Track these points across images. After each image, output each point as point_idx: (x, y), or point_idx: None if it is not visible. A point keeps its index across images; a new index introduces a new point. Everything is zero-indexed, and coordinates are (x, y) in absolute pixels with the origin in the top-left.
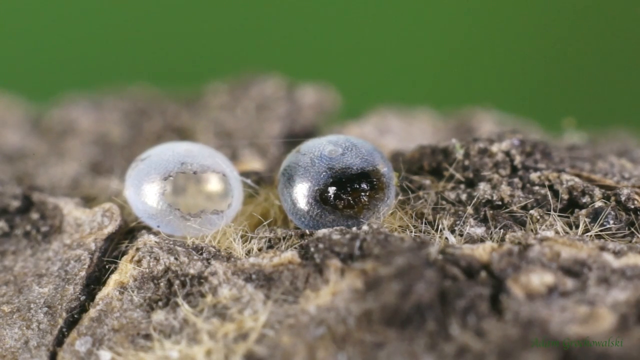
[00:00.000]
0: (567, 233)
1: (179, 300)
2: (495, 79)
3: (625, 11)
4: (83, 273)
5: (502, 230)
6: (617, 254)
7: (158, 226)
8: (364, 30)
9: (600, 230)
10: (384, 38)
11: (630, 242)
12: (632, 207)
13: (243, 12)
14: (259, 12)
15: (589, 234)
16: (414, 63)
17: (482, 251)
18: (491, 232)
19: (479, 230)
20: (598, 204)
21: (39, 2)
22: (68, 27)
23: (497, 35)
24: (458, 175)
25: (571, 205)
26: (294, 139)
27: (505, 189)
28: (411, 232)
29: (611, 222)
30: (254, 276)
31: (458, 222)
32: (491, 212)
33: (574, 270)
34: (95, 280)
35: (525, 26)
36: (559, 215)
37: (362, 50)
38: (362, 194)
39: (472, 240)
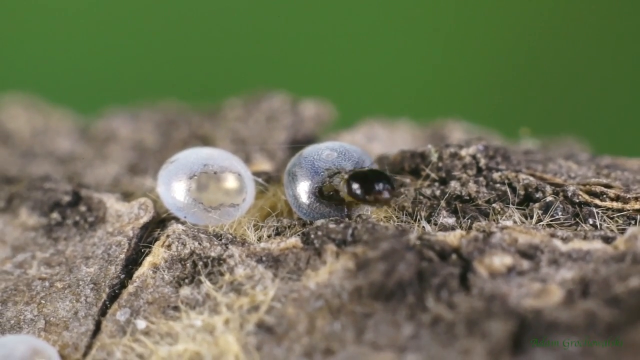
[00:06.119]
0: (523, 223)
1: (202, 278)
2: (464, 96)
3: (574, 34)
4: (123, 256)
5: (469, 220)
6: (565, 240)
7: (185, 217)
8: (355, 55)
9: (551, 221)
10: (371, 61)
11: (576, 230)
12: (577, 201)
13: (254, 43)
14: (268, 43)
15: (541, 223)
16: (397, 82)
17: (453, 237)
18: (460, 222)
19: (450, 220)
20: (549, 198)
21: (87, 36)
22: (110, 55)
23: (465, 61)
24: (433, 175)
25: (526, 200)
26: (297, 145)
27: (472, 186)
28: (394, 221)
29: (560, 213)
30: (264, 258)
31: (433, 214)
32: (460, 205)
33: (529, 253)
34: (133, 262)
35: (485, 53)
36: (516, 208)
37: (354, 72)
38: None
39: (445, 228)
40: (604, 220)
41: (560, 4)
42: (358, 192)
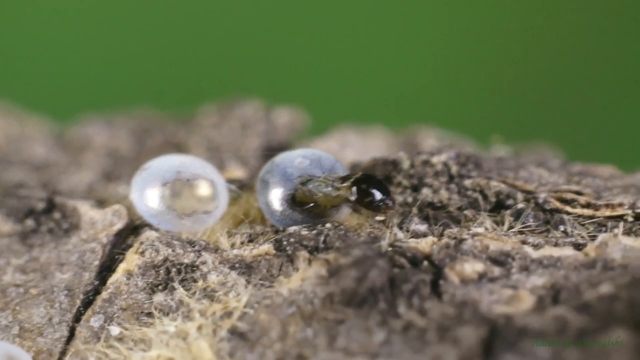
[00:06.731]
0: (494, 229)
1: (176, 284)
2: (436, 103)
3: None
4: (97, 262)
5: (441, 227)
6: (536, 246)
7: (158, 224)
8: (330, 62)
9: (522, 227)
10: (346, 68)
11: (547, 237)
12: (548, 208)
13: (228, 50)
14: (242, 50)
15: (512, 230)
16: (370, 89)
17: (424, 244)
18: (432, 229)
19: (422, 227)
20: (520, 205)
21: (63, 42)
22: (85, 61)
23: (440, 68)
24: (405, 182)
25: (498, 207)
26: (270, 152)
27: (443, 193)
28: (366, 228)
29: (531, 220)
30: (237, 265)
31: (405, 221)
32: (432, 212)
33: (500, 260)
34: (106, 268)
35: (460, 61)
36: (488, 215)
37: (329, 78)
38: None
39: (417, 235)
40: (575, 227)
41: (536, 12)
42: (370, 200)
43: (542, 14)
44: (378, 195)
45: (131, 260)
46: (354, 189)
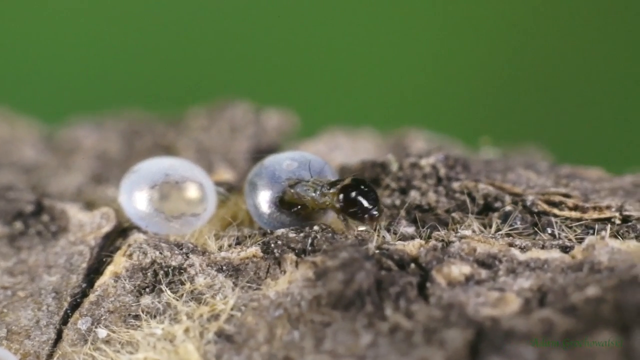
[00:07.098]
0: (482, 232)
1: (163, 287)
2: (425, 106)
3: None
4: (84, 265)
5: (428, 230)
6: (523, 249)
7: (146, 226)
8: (318, 66)
9: (510, 230)
10: (334, 72)
11: (534, 239)
12: (536, 210)
13: (220, 51)
14: (233, 50)
15: (500, 232)
16: (360, 91)
17: (412, 247)
18: (420, 231)
19: (410, 230)
20: (508, 208)
21: (52, 47)
22: (75, 65)
23: (430, 69)
24: (393, 185)
25: (486, 209)
26: (259, 154)
27: (431, 196)
28: (354, 231)
29: (518, 223)
30: (224, 267)
31: (393, 223)
32: (420, 214)
33: (487, 262)
34: (94, 271)
35: (449, 66)
36: (475, 217)
37: (318, 83)
38: None
39: (404, 237)
40: (562, 230)
41: (525, 15)
42: (354, 211)
43: (530, 17)
44: (364, 205)
45: (119, 263)
46: (341, 196)
